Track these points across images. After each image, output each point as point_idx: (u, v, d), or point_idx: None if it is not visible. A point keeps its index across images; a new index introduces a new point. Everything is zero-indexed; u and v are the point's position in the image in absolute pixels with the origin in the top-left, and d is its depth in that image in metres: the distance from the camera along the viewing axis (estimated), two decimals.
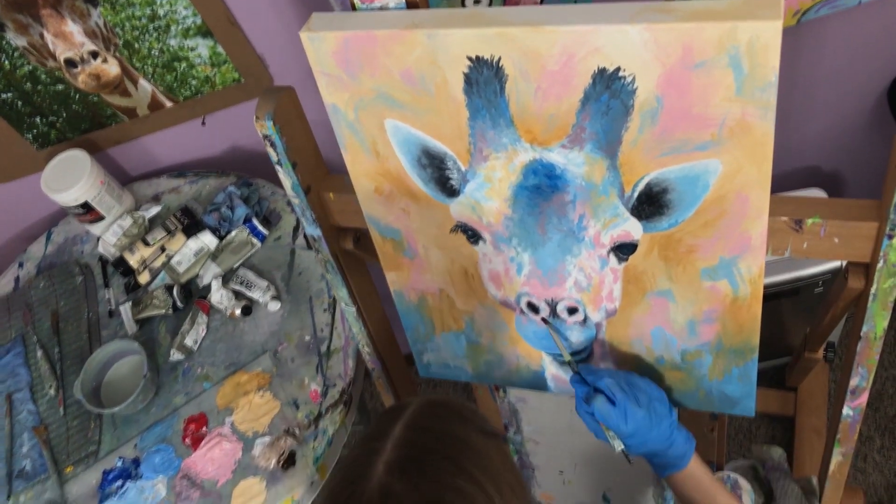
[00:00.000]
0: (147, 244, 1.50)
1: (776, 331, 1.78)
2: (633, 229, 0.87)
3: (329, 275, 1.13)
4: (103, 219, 1.56)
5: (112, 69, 1.43)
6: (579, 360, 1.04)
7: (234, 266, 1.47)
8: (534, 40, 0.75)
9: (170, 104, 1.52)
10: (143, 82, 1.47)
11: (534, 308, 0.99)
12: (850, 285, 0.91)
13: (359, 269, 1.17)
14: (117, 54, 1.41)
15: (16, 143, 1.56)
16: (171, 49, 1.40)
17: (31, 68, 1.42)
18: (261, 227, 1.48)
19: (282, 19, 1.37)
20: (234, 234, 1.48)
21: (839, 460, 1.10)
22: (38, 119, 1.53)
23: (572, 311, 0.97)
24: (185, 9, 1.33)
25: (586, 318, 0.98)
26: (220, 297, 1.42)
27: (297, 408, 1.29)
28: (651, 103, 0.75)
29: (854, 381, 0.97)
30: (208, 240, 1.48)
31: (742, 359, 0.96)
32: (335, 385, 1.30)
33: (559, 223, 0.89)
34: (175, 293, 1.44)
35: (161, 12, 1.34)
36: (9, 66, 1.41)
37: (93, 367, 1.38)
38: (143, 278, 1.50)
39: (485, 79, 0.79)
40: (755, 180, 0.78)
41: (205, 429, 1.31)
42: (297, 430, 1.27)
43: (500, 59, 0.77)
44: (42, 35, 1.36)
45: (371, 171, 0.94)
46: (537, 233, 0.91)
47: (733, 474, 1.21)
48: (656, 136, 0.78)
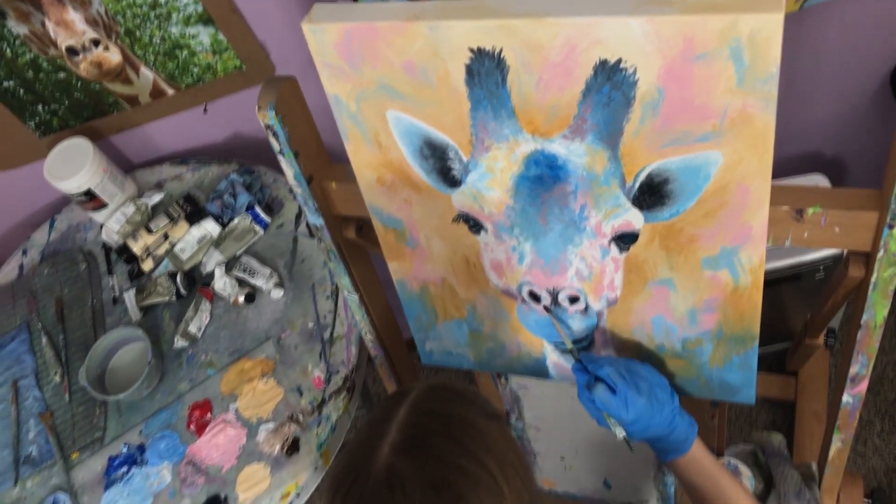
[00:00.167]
0: (150, 231, 1.50)
1: (777, 316, 1.79)
2: (634, 219, 0.87)
3: (332, 263, 1.13)
4: (106, 206, 1.57)
5: (114, 57, 1.43)
6: (580, 348, 1.05)
7: (237, 253, 1.48)
8: (535, 32, 0.75)
9: (171, 92, 1.52)
10: (144, 70, 1.47)
11: (535, 297, 1.00)
12: (851, 274, 0.91)
13: (361, 257, 1.17)
14: (119, 42, 1.41)
15: (18, 131, 1.57)
16: (173, 37, 1.40)
17: (32, 56, 1.42)
18: (263, 215, 1.48)
19: (282, 6, 1.37)
20: (236, 221, 1.49)
21: (838, 447, 1.10)
22: (40, 107, 1.53)
23: (574, 300, 0.98)
24: None
25: (587, 307, 0.99)
26: (223, 284, 1.43)
27: (301, 394, 1.30)
28: (652, 95, 0.75)
29: (854, 369, 0.98)
30: (211, 227, 1.48)
31: (742, 347, 0.96)
32: (338, 372, 1.31)
33: (561, 213, 0.89)
34: (178, 280, 1.45)
35: (162, 0, 1.34)
36: (10, 55, 1.41)
37: (97, 354, 1.39)
38: (147, 266, 1.51)
39: (486, 70, 0.80)
40: (756, 171, 0.78)
41: (209, 415, 1.32)
42: (300, 417, 1.28)
43: (501, 50, 0.77)
44: (43, 23, 1.36)
45: (373, 161, 0.94)
46: (539, 223, 0.91)
47: (734, 460, 1.22)
48: (657, 127, 0.78)
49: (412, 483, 0.71)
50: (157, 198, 1.59)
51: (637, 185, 0.83)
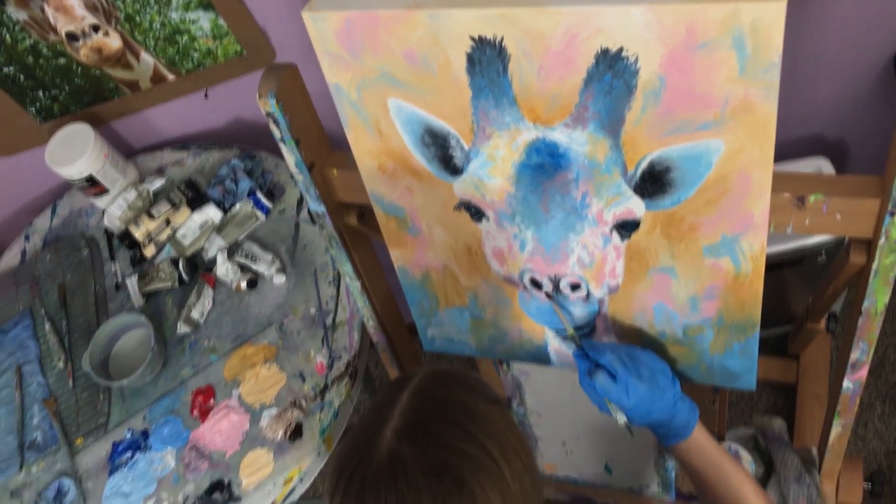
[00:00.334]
0: (152, 217, 1.50)
1: (779, 299, 1.79)
2: (635, 207, 0.87)
3: (333, 250, 1.14)
4: (108, 192, 1.57)
5: (114, 42, 1.43)
6: (582, 334, 1.05)
7: (239, 239, 1.48)
8: (536, 20, 0.74)
9: (172, 77, 1.51)
10: (144, 55, 1.46)
11: (537, 284, 1.00)
12: (852, 261, 0.92)
13: (363, 243, 1.17)
14: (118, 28, 1.40)
15: (19, 117, 1.56)
16: (173, 22, 1.39)
17: (32, 42, 1.42)
18: (265, 201, 1.48)
19: None
20: (238, 207, 1.49)
21: (839, 431, 1.11)
22: (40, 93, 1.53)
23: (575, 287, 0.98)
24: None
25: (589, 294, 0.99)
26: (225, 270, 1.43)
27: (304, 380, 1.31)
28: (654, 83, 0.75)
29: (854, 355, 0.98)
30: (213, 213, 1.48)
31: (743, 334, 0.96)
32: (341, 357, 1.31)
33: (562, 201, 0.89)
34: (180, 266, 1.45)
35: None
36: (10, 41, 1.41)
37: (101, 340, 1.39)
38: (149, 251, 1.51)
39: (487, 59, 0.79)
40: (757, 160, 0.78)
41: (212, 401, 1.33)
42: (303, 402, 1.28)
43: (502, 39, 0.77)
44: (42, 9, 1.35)
45: (374, 149, 0.94)
46: (540, 211, 0.91)
47: (735, 445, 1.23)
48: (659, 115, 0.78)
49: (414, 467, 0.72)
50: (158, 183, 1.59)
51: (638, 173, 0.83)
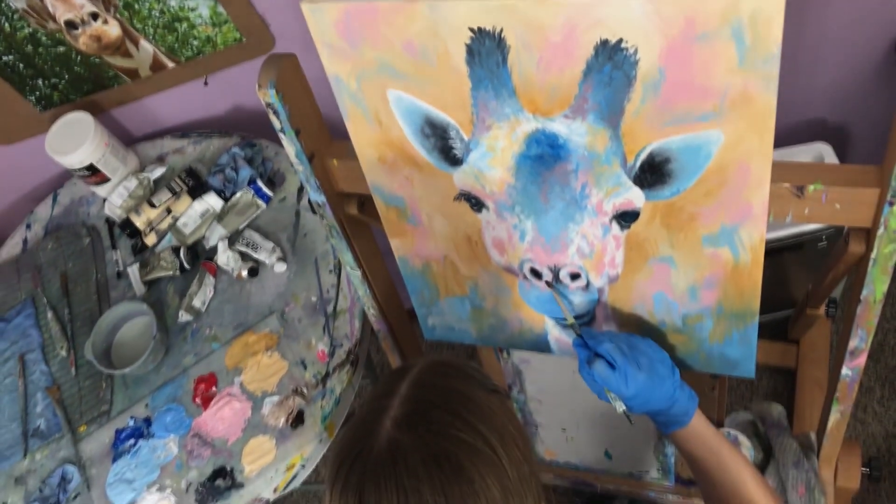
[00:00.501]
0: (153, 206, 1.50)
1: (780, 284, 1.79)
2: (635, 198, 0.87)
3: (334, 240, 1.14)
4: (109, 180, 1.57)
5: (112, 30, 1.42)
6: (582, 323, 1.05)
7: (240, 227, 1.48)
8: (536, 12, 0.74)
9: (171, 65, 1.51)
10: (144, 43, 1.46)
11: (537, 274, 1.00)
12: (851, 250, 0.92)
13: (363, 232, 1.17)
14: (117, 16, 1.40)
15: (19, 106, 1.56)
16: (172, 10, 1.39)
17: (31, 31, 1.42)
18: (265, 189, 1.48)
19: None
20: (238, 195, 1.49)
21: (837, 418, 1.12)
22: (40, 81, 1.52)
23: (575, 276, 0.98)
24: None
25: (589, 284, 0.99)
26: (226, 258, 1.43)
27: (305, 367, 1.31)
28: (653, 74, 0.75)
29: (853, 343, 0.99)
30: (213, 202, 1.48)
31: (742, 323, 0.97)
32: (342, 345, 1.32)
33: (562, 192, 0.89)
34: (182, 255, 1.46)
35: None
36: (9, 29, 1.41)
37: (103, 329, 1.40)
38: (150, 240, 1.51)
39: (487, 50, 0.79)
40: (757, 150, 0.78)
41: (214, 389, 1.34)
42: (305, 390, 1.29)
43: (502, 30, 0.77)
44: None
45: (374, 140, 0.94)
46: (540, 201, 0.91)
47: (734, 431, 1.24)
48: (658, 106, 0.78)
49: (414, 456, 0.73)
50: (159, 172, 1.59)
51: (638, 164, 0.83)
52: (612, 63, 0.76)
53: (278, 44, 1.47)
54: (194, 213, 1.49)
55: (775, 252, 1.61)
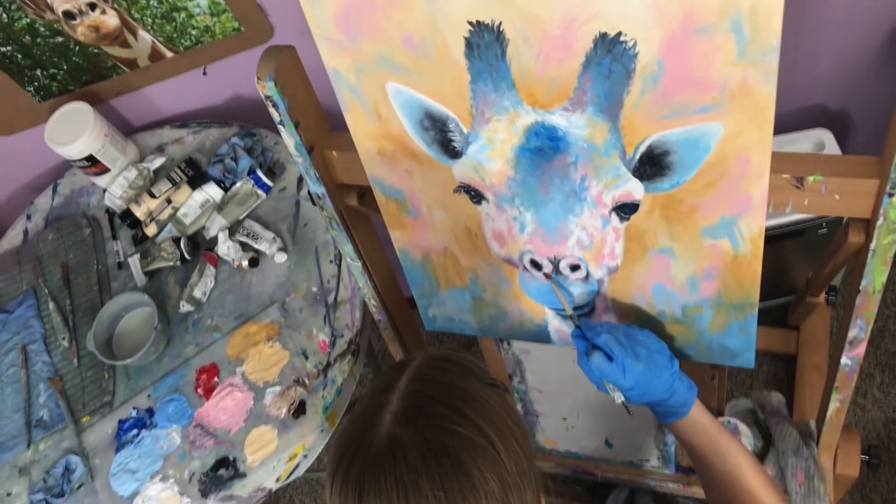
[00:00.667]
0: (153, 196, 1.50)
1: (780, 271, 1.79)
2: (634, 190, 0.87)
3: (334, 231, 1.14)
4: (108, 171, 1.57)
5: (111, 21, 1.42)
6: (582, 314, 1.06)
7: (240, 217, 1.48)
8: (534, 5, 0.74)
9: (170, 54, 1.50)
10: (142, 33, 1.45)
11: (536, 265, 1.00)
12: (851, 240, 0.92)
13: (363, 223, 1.17)
14: (115, 6, 1.39)
15: (18, 96, 1.56)
16: None
17: (29, 21, 1.41)
18: (265, 179, 1.48)
19: None
20: (238, 185, 1.49)
21: (837, 406, 1.12)
22: (38, 72, 1.52)
23: (574, 268, 0.99)
24: None
25: (588, 275, 0.99)
26: (227, 248, 1.43)
27: (306, 358, 1.32)
28: (652, 67, 0.75)
29: (852, 333, 0.99)
30: (213, 192, 1.48)
31: (742, 313, 0.97)
32: (343, 335, 1.32)
33: (561, 184, 0.89)
34: (182, 245, 1.46)
35: None
36: (7, 20, 1.40)
37: (104, 319, 1.40)
38: (151, 230, 1.51)
39: (486, 43, 0.79)
40: (756, 142, 0.78)
41: (216, 379, 1.34)
42: (306, 380, 1.30)
43: (500, 23, 0.77)
44: None
45: (374, 133, 0.94)
46: (539, 193, 0.91)
47: (733, 420, 1.24)
48: (658, 99, 0.77)
49: (413, 450, 0.74)
50: (158, 162, 1.59)
51: (637, 156, 0.83)
52: (611, 56, 0.76)
53: (277, 33, 1.47)
54: (194, 203, 1.49)
55: (776, 239, 1.61)
